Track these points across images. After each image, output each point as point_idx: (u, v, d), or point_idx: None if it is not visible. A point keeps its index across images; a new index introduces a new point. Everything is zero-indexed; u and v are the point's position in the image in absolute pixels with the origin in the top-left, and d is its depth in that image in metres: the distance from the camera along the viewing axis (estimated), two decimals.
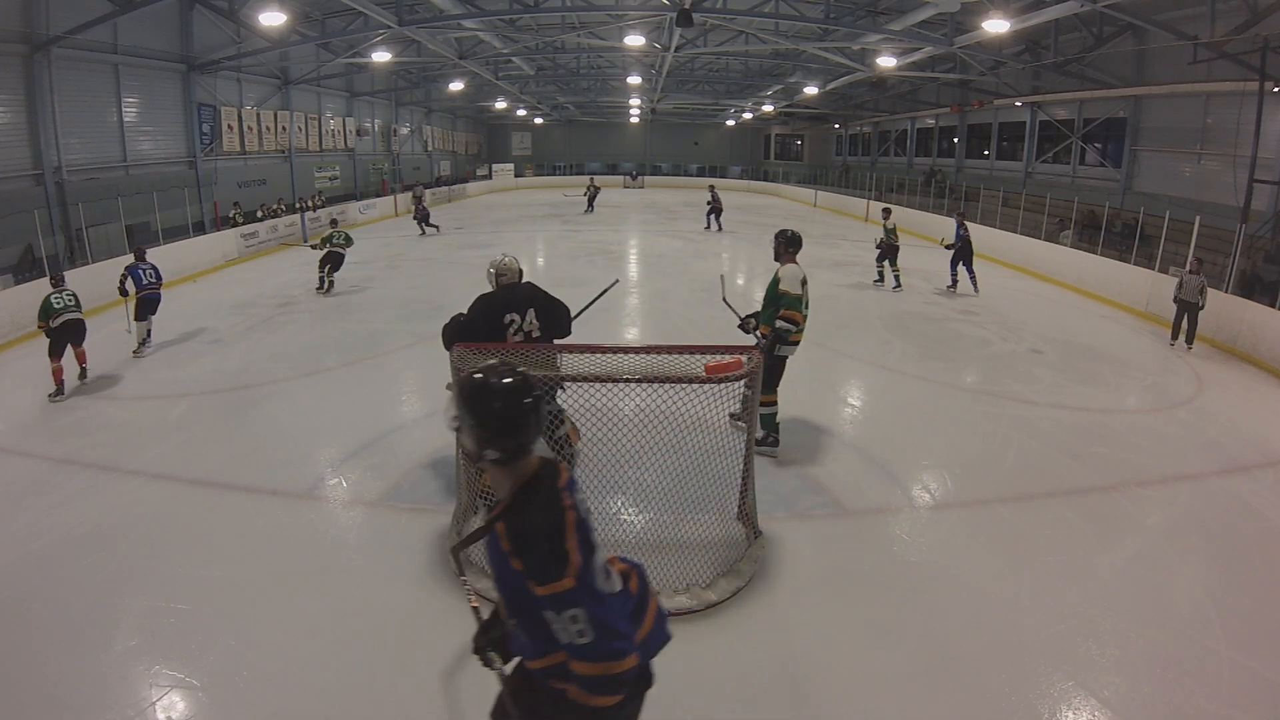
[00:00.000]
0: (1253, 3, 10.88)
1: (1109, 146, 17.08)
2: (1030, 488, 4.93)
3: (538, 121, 38.36)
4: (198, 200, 15.38)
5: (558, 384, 3.64)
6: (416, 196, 25.09)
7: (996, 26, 12.02)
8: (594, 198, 24.86)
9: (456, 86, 23.63)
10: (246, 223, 15.99)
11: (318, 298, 10.94)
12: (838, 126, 34.25)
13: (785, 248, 5.10)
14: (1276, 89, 11.71)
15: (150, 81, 14.60)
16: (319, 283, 11.22)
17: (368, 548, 4.10)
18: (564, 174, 39.53)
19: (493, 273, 4.43)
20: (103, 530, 4.26)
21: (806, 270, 5.04)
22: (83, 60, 12.67)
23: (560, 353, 3.93)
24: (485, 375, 1.66)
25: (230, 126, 17.34)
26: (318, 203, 19.71)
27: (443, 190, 29.24)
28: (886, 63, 16.93)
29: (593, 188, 25.38)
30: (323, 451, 5.36)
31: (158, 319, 8.29)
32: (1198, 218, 10.29)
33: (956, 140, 24.18)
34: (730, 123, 37.88)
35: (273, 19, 12.97)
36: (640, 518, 4.35)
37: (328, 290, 11.22)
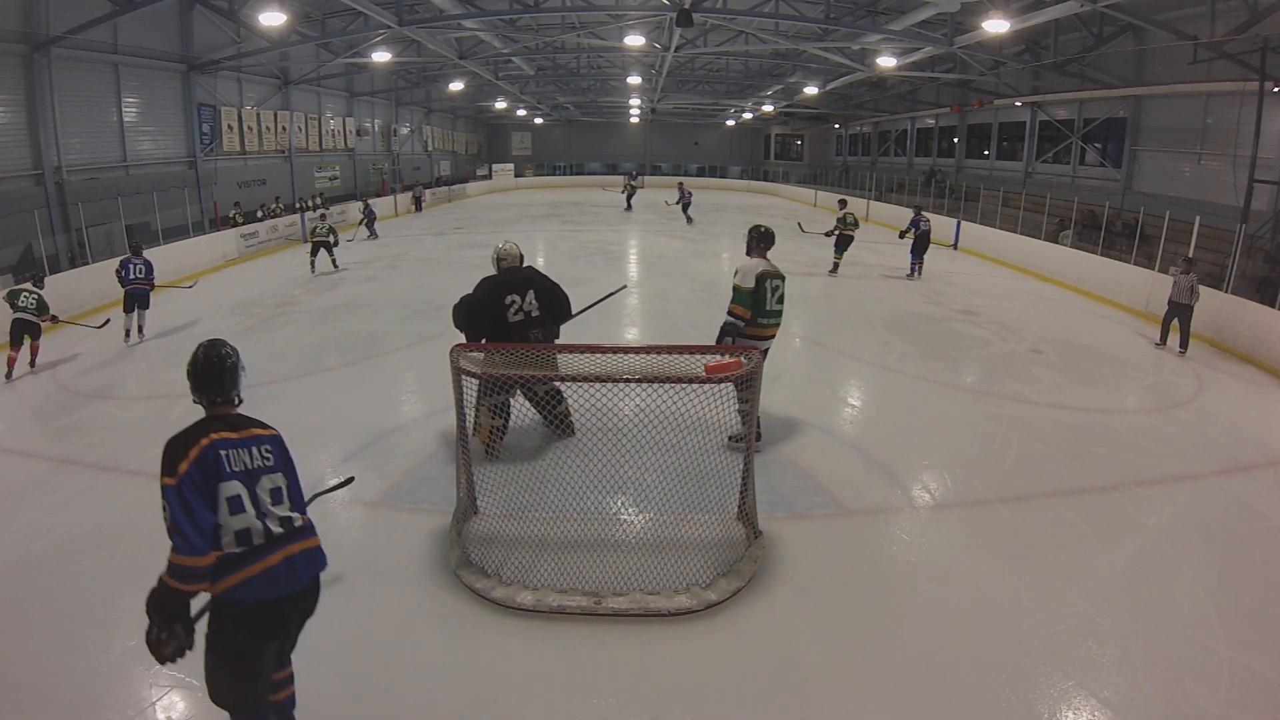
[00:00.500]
0: (1253, 3, 10.87)
1: (1109, 146, 17.06)
2: (1030, 488, 4.94)
3: (538, 121, 38.35)
4: (198, 200, 15.35)
5: (537, 382, 3.82)
6: (416, 197, 25.21)
7: (996, 26, 12.01)
8: (632, 195, 23.88)
9: (456, 86, 23.61)
10: (246, 223, 16.00)
11: (318, 298, 10.95)
12: (838, 126, 34.24)
13: (756, 243, 5.09)
14: (1276, 89, 11.71)
15: (150, 81, 14.58)
16: (310, 266, 12.75)
17: (367, 548, 4.10)
18: (564, 174, 39.58)
19: (495, 257, 4.87)
20: (103, 530, 4.26)
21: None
22: (83, 60, 12.65)
23: (560, 353, 3.95)
24: (204, 347, 2.41)
25: (230, 126, 17.32)
26: (318, 203, 19.69)
27: (443, 190, 29.27)
28: (886, 63, 16.92)
29: (630, 185, 24.19)
30: (323, 452, 5.36)
31: (157, 318, 8.29)
32: (1198, 218, 10.29)
33: (956, 140, 24.17)
34: (730, 123, 37.86)
35: (273, 19, 12.96)
36: (640, 518, 4.35)
37: (334, 265, 13.06)
